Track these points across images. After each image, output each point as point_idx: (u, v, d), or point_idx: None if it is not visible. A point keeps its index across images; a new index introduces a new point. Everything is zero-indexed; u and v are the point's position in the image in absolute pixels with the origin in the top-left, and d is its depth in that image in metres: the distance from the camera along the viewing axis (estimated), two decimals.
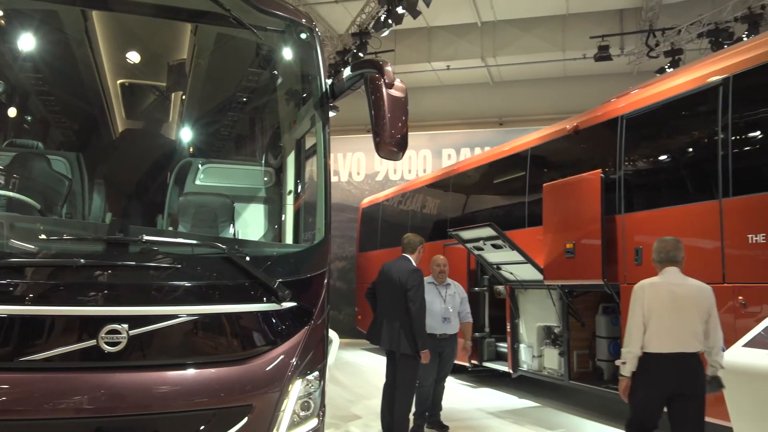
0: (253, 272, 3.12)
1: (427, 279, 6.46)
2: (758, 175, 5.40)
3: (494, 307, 9.61)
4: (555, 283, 7.48)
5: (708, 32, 12.54)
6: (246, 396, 3.01)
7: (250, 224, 4.28)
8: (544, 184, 7.81)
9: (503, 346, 9.12)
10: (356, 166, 17.72)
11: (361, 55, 13.14)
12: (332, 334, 5.43)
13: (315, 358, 3.33)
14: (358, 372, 11.19)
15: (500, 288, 9.13)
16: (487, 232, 7.78)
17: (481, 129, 17.02)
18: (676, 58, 13.13)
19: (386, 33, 12.78)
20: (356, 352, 13.83)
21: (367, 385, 9.49)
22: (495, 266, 8.47)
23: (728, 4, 12.26)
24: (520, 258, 7.72)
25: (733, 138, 5.50)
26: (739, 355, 4.45)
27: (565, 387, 8.02)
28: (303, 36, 3.80)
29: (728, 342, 5.04)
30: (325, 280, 3.54)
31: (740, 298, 5.25)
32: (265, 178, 4.34)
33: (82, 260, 2.78)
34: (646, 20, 13.72)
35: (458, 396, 8.71)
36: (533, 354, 8.24)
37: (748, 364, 4.32)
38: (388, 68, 3.36)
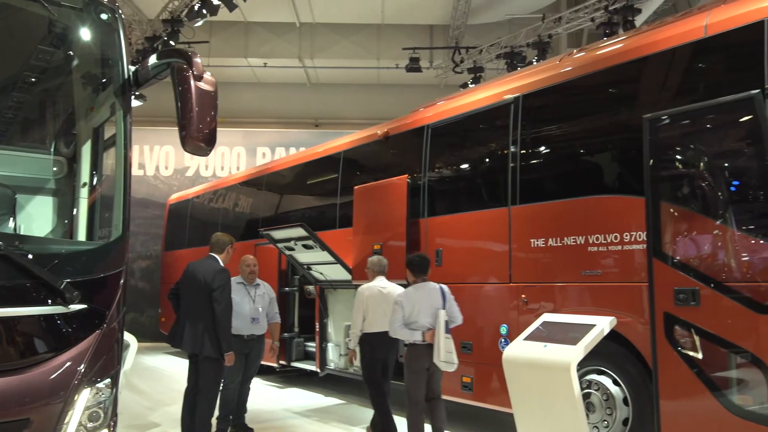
0: (36, 271, 2.83)
1: (236, 279, 6.34)
2: (540, 186, 6.04)
3: (304, 307, 9.67)
4: (363, 282, 7.70)
5: (505, 54, 13.78)
6: (22, 409, 2.71)
7: (36, 219, 3.87)
8: (355, 187, 8.03)
9: (312, 346, 9.21)
10: (164, 160, 16.80)
11: (172, 43, 12.49)
12: (129, 338, 5.10)
13: (107, 364, 3.10)
14: (159, 377, 10.63)
15: (310, 288, 9.21)
16: (299, 232, 7.82)
17: (296, 129, 17.06)
18: (477, 75, 14.23)
19: (200, 23, 12.32)
20: (158, 357, 13.13)
21: (168, 390, 9.05)
22: (305, 266, 8.52)
23: (522, 31, 13.58)
24: (330, 258, 7.86)
25: (521, 152, 6.10)
26: (519, 348, 4.94)
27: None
28: (104, 16, 3.52)
29: (511, 336, 5.57)
30: (122, 280, 3.31)
31: (523, 296, 5.83)
32: (55, 168, 3.95)
33: None
34: (453, 37, 14.72)
35: (265, 397, 8.64)
36: (340, 352, 8.42)
37: (527, 355, 4.81)
38: (197, 60, 3.24)
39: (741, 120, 4.29)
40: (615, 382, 4.98)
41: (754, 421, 3.99)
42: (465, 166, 7.24)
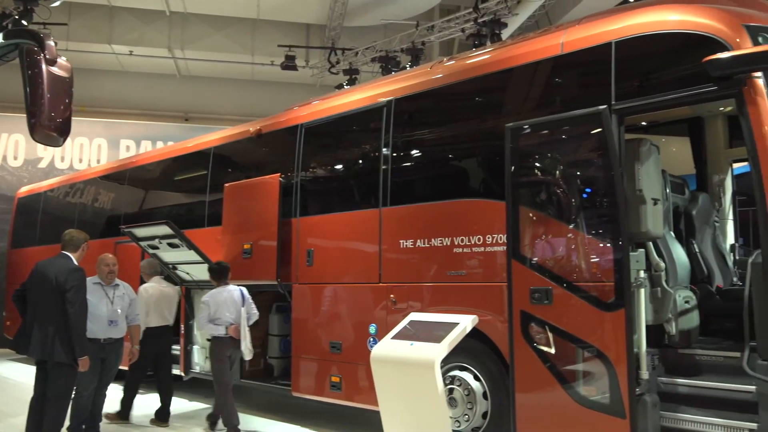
0: None
1: (92, 279, 5.95)
2: (409, 189, 6.19)
3: None
4: (232, 284, 7.51)
5: (380, 58, 14.06)
6: None
7: None
8: (225, 184, 7.81)
9: (176, 349, 8.82)
10: (13, 150, 15.40)
11: (24, 23, 11.47)
12: None
13: None
14: (2, 386, 9.76)
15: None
16: (164, 230, 7.48)
17: (164, 122, 16.33)
18: (353, 77, 14.39)
19: (57, 3, 11.39)
20: (2, 364, 12.02)
21: (12, 400, 8.30)
22: (171, 266, 8.15)
23: (397, 36, 13.89)
24: (198, 258, 7.58)
25: (393, 154, 6.22)
26: (386, 347, 5.04)
27: (237, 385, 8.09)
28: None
29: (380, 336, 5.67)
30: None
31: (392, 296, 5.94)
32: None
33: None
34: (330, 38, 14.78)
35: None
36: (206, 355, 8.14)
37: (393, 354, 4.92)
38: (50, 42, 3.00)
39: (591, 132, 4.65)
40: (476, 378, 5.21)
41: (596, 409, 4.33)
42: (338, 166, 7.27)
